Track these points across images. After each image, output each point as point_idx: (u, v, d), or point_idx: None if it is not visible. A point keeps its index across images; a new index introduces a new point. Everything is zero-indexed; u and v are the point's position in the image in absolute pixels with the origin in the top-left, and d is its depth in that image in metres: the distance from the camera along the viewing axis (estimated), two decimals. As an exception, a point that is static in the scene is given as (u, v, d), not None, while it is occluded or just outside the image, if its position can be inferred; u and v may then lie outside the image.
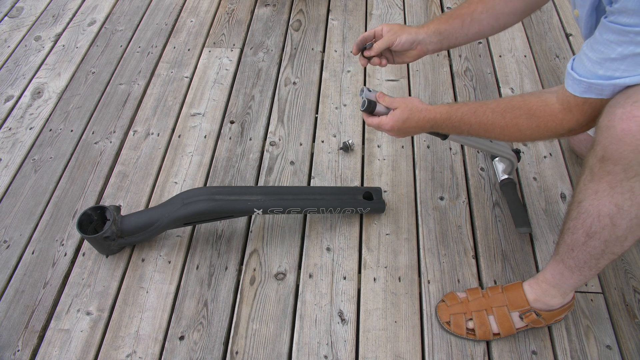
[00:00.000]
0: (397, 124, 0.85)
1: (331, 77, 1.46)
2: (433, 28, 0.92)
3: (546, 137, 0.79)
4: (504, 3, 0.94)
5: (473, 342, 0.94)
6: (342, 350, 0.94)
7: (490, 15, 0.93)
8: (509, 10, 0.94)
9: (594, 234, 0.71)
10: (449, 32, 0.93)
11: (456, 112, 0.82)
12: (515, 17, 0.95)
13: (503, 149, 1.08)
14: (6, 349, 0.96)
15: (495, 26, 0.95)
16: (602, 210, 0.68)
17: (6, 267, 1.08)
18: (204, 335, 0.97)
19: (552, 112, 0.74)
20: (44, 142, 1.32)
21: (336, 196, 1.08)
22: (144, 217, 1.03)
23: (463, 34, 0.94)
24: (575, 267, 0.78)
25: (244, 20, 1.65)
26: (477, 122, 0.81)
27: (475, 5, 0.94)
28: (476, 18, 0.93)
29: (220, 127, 1.34)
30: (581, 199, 0.71)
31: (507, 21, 0.95)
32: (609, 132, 0.64)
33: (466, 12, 0.93)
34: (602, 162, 0.65)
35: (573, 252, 0.76)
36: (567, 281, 0.83)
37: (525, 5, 0.95)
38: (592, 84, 0.67)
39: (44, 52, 1.58)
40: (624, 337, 0.95)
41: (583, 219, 0.71)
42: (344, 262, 1.06)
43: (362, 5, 1.69)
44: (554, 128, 0.75)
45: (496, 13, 0.94)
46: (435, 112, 0.84)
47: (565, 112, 0.73)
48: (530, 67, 1.46)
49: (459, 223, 1.12)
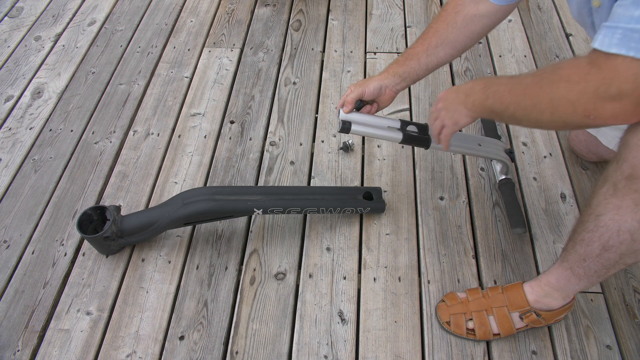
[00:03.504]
0: (443, 94, 0.86)
1: (331, 77, 1.46)
2: (392, 72, 0.98)
3: (579, 107, 0.64)
4: (458, 31, 0.96)
5: (473, 342, 0.94)
6: (342, 350, 0.94)
7: (446, 46, 0.97)
8: (464, 37, 0.97)
9: (610, 247, 0.70)
10: (407, 72, 0.98)
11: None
12: (473, 41, 0.98)
13: (493, 152, 1.08)
14: (6, 349, 0.96)
15: (453, 54, 0.98)
16: (623, 226, 0.67)
17: (6, 267, 1.08)
18: (204, 335, 0.97)
19: (577, 65, 0.64)
20: (44, 142, 1.32)
21: (336, 196, 1.08)
22: (144, 217, 1.03)
23: (423, 69, 0.98)
24: (584, 275, 0.78)
25: (244, 20, 1.65)
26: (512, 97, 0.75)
27: (429, 39, 0.97)
28: (432, 52, 0.97)
29: (220, 127, 1.34)
30: (600, 213, 0.70)
31: (465, 46, 0.98)
32: (639, 151, 0.63)
33: (421, 50, 0.97)
34: (630, 180, 0.64)
35: (585, 262, 0.76)
36: (572, 287, 0.83)
37: (482, 28, 0.96)
38: (629, 30, 0.57)
39: (44, 52, 1.58)
40: (624, 337, 0.95)
41: (601, 233, 0.70)
42: (344, 262, 1.06)
43: (362, 5, 1.69)
44: (583, 89, 0.62)
45: (451, 42, 0.97)
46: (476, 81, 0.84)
47: (591, 66, 0.62)
48: (530, 67, 1.46)
49: (459, 223, 1.12)
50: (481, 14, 0.94)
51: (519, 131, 1.29)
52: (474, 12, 0.94)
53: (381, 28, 1.61)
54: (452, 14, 0.96)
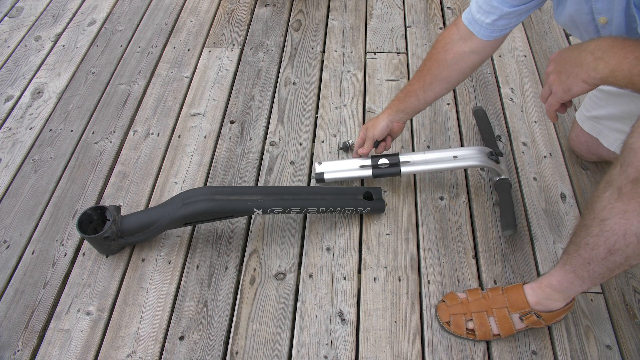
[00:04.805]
0: (557, 54, 0.77)
1: (331, 77, 1.46)
2: (395, 108, 1.09)
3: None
4: (449, 69, 0.99)
5: (473, 342, 0.94)
6: (342, 350, 0.94)
7: (440, 82, 1.01)
8: (456, 73, 1.00)
9: (616, 251, 0.70)
10: (409, 107, 1.07)
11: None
12: (465, 75, 1.02)
13: (472, 161, 1.10)
14: (6, 349, 0.96)
15: (449, 87, 1.04)
16: (630, 229, 0.67)
17: (6, 267, 1.08)
18: (204, 335, 0.97)
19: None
20: (44, 142, 1.32)
21: (336, 196, 1.08)
22: (144, 217, 1.03)
23: (422, 102, 1.06)
24: (587, 277, 0.78)
25: (244, 20, 1.65)
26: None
27: (424, 77, 1.02)
28: (428, 89, 1.03)
29: (220, 127, 1.34)
30: (605, 217, 0.69)
31: (459, 80, 1.02)
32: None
33: (418, 87, 1.04)
34: (636, 183, 0.64)
35: (589, 265, 0.75)
36: (575, 289, 0.83)
37: (472, 63, 0.99)
38: None
39: (44, 52, 1.58)
40: (624, 337, 0.95)
41: (606, 237, 0.70)
42: (344, 262, 1.06)
43: (362, 5, 1.69)
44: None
45: (444, 79, 1.01)
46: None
47: None
48: (530, 67, 1.46)
49: (459, 223, 1.12)
50: (470, 50, 0.96)
51: (519, 131, 1.29)
52: (462, 50, 0.97)
53: (381, 28, 1.61)
54: (441, 52, 0.99)
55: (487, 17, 0.90)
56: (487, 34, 0.92)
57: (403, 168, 1.11)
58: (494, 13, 0.89)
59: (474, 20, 0.92)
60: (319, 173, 1.14)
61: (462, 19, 0.95)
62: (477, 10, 0.91)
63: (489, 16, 0.89)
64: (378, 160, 1.13)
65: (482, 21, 0.91)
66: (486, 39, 0.93)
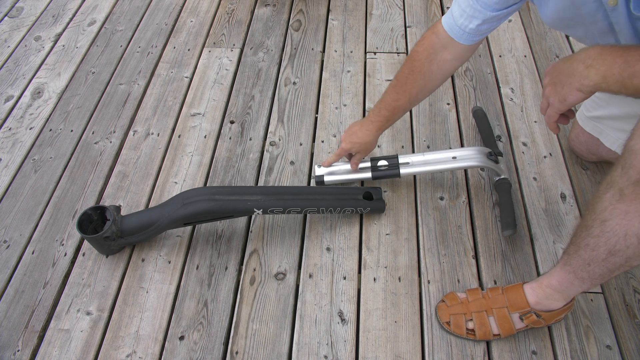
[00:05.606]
0: (552, 67, 0.78)
1: (331, 77, 1.46)
2: (382, 125, 1.09)
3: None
4: (434, 79, 1.01)
5: (473, 342, 0.94)
6: (342, 350, 0.94)
7: (426, 92, 1.04)
8: (440, 81, 1.03)
9: (617, 252, 0.70)
10: (394, 121, 1.09)
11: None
12: (446, 79, 1.04)
13: (472, 161, 1.10)
14: (6, 349, 0.96)
15: (429, 94, 1.07)
16: (630, 230, 0.67)
17: (6, 267, 1.08)
18: (204, 335, 0.97)
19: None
20: (44, 142, 1.32)
21: (336, 196, 1.08)
22: (144, 217, 1.03)
23: (407, 111, 1.10)
24: (587, 278, 0.78)
25: (244, 20, 1.65)
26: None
27: (409, 90, 1.02)
28: (414, 100, 1.04)
29: (220, 127, 1.34)
30: (606, 218, 0.69)
31: (440, 84, 1.05)
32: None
33: (404, 102, 1.03)
34: (637, 185, 0.64)
35: (589, 266, 0.76)
36: (575, 289, 0.83)
37: (454, 68, 1.00)
38: None
39: (44, 52, 1.58)
40: (624, 337, 0.95)
41: (607, 238, 0.70)
42: (344, 262, 1.06)
43: (362, 5, 1.69)
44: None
45: (431, 89, 1.04)
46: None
47: None
48: (530, 67, 1.46)
49: (459, 223, 1.12)
50: (452, 58, 0.97)
51: (519, 131, 1.29)
52: (445, 58, 0.97)
53: (381, 28, 1.61)
54: (425, 63, 0.98)
55: (471, 22, 0.89)
56: (469, 39, 0.92)
57: (402, 170, 1.11)
58: (478, 17, 0.88)
59: (456, 25, 0.91)
60: (319, 176, 1.15)
61: (443, 24, 0.94)
62: (460, 15, 0.90)
63: (473, 21, 0.89)
64: (377, 162, 1.13)
65: (466, 26, 0.90)
66: (468, 43, 0.93)
